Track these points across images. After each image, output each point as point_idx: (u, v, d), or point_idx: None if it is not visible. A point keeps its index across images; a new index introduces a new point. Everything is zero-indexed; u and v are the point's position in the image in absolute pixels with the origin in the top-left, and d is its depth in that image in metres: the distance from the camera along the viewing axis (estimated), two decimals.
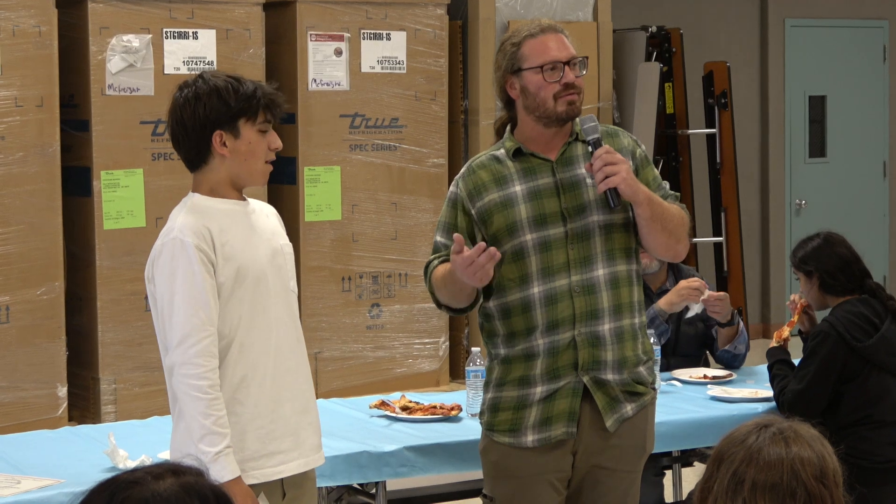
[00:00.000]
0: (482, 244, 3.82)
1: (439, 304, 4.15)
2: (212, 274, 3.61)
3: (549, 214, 4.04)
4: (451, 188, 4.17)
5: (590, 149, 4.01)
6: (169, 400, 3.72)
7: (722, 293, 5.86)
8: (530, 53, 4.07)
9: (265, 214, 3.84)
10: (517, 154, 4.11)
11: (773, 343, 5.40)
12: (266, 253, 3.74)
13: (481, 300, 4.10)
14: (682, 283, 5.74)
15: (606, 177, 3.94)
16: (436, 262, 4.11)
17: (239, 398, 3.65)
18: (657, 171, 4.26)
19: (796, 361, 5.29)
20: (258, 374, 3.69)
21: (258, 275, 3.69)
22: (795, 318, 5.41)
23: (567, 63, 4.06)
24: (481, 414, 4.20)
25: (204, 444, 3.52)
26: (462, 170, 4.19)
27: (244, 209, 3.76)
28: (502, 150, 4.14)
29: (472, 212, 4.09)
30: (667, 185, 4.26)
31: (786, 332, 5.39)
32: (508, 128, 4.19)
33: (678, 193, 4.29)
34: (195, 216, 3.65)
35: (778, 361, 5.26)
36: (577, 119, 4.07)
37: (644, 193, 4.00)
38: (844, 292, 5.19)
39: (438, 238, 4.15)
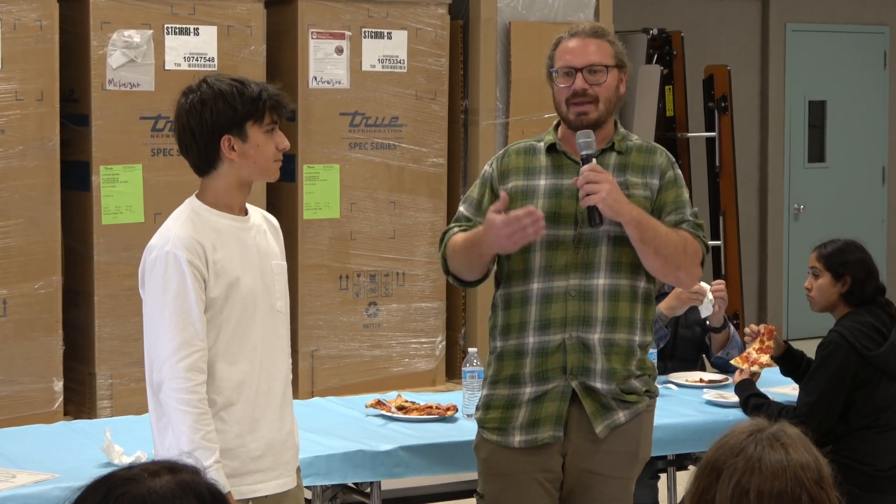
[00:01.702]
0: (532, 207, 3.87)
1: (448, 272, 4.18)
2: (203, 289, 3.61)
3: (564, 215, 4.06)
4: (486, 167, 4.23)
5: (581, 164, 4.02)
6: (150, 414, 3.71)
7: (719, 280, 5.86)
8: (556, 56, 4.14)
9: (263, 230, 3.82)
10: (551, 149, 4.13)
11: (744, 367, 5.33)
12: (256, 273, 3.72)
13: (490, 274, 4.14)
14: (683, 290, 5.72)
15: (588, 194, 3.95)
16: (456, 229, 4.15)
17: (222, 416, 3.65)
18: (685, 196, 4.20)
19: (769, 392, 5.30)
20: (242, 392, 3.68)
21: (246, 294, 3.68)
22: (771, 344, 5.35)
23: (582, 69, 4.06)
24: (477, 410, 4.25)
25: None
26: (500, 151, 4.25)
27: (242, 226, 3.74)
28: (541, 143, 4.18)
29: (500, 193, 4.11)
30: (689, 211, 4.21)
31: (764, 358, 5.32)
32: (556, 122, 4.22)
33: (700, 222, 4.23)
34: (190, 229, 3.64)
35: (752, 395, 5.22)
36: (578, 132, 4.07)
37: (631, 215, 3.99)
38: (861, 303, 5.17)
39: (462, 209, 4.20)
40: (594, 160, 4.03)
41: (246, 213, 3.78)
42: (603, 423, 4.07)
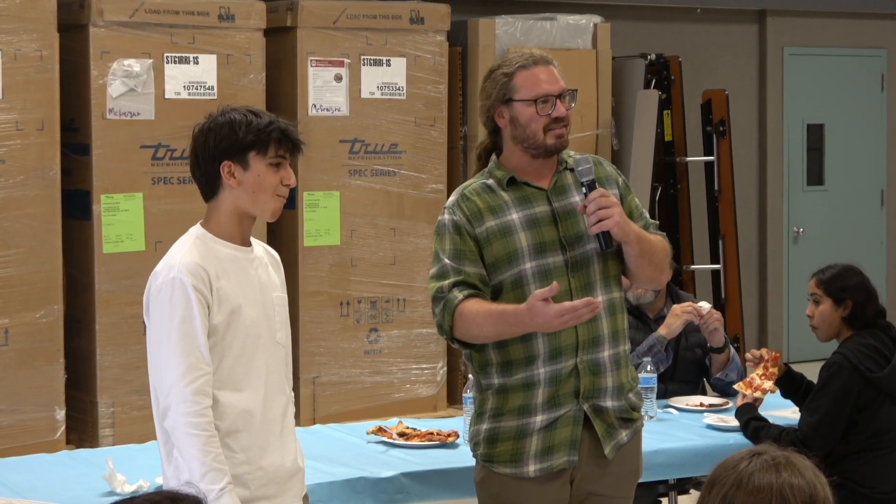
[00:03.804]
0: (590, 298, 3.80)
1: (453, 339, 4.04)
2: (207, 315, 3.63)
3: (549, 243, 4.04)
4: (447, 216, 4.08)
5: (584, 190, 4.02)
6: (158, 441, 3.71)
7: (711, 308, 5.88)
8: (522, 85, 4.06)
9: (265, 263, 3.84)
10: (510, 183, 4.11)
11: (747, 392, 5.33)
12: (258, 304, 3.74)
13: None
14: (676, 307, 5.78)
15: (600, 220, 3.95)
16: (459, 294, 3.99)
17: (227, 443, 3.66)
18: (637, 199, 4.28)
19: (769, 415, 5.31)
20: (247, 420, 3.69)
21: (249, 324, 3.70)
22: (774, 370, 5.35)
23: (558, 96, 4.07)
24: (476, 445, 4.14)
25: (206, 482, 3.51)
26: (453, 197, 4.12)
27: (245, 256, 3.76)
28: (492, 180, 4.11)
29: (476, 236, 4.07)
30: (646, 212, 4.28)
31: (767, 384, 5.33)
32: (494, 156, 4.18)
33: (657, 221, 4.30)
34: (195, 255, 3.66)
35: (752, 419, 5.23)
36: (573, 161, 4.08)
37: (635, 233, 4.02)
38: (863, 326, 5.19)
39: (448, 262, 4.02)
40: (597, 185, 4.04)
41: (249, 244, 3.80)
42: (610, 443, 4.08)
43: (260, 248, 3.87)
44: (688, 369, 5.98)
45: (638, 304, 5.92)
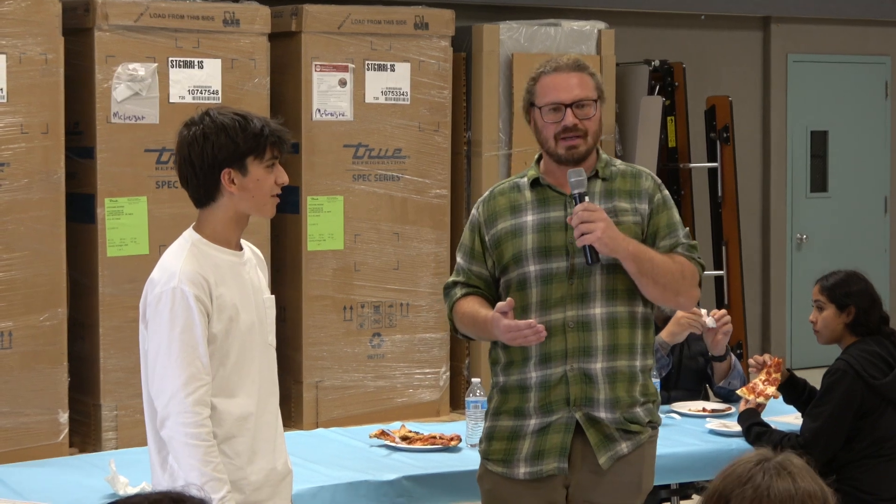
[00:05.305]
0: (533, 321, 3.89)
1: (457, 331, 4.23)
2: (207, 324, 3.63)
3: (554, 247, 4.05)
4: (473, 211, 4.23)
5: (574, 202, 4.02)
6: (150, 448, 3.72)
7: (723, 310, 5.86)
8: (540, 91, 4.10)
9: (253, 265, 3.85)
10: (535, 184, 4.13)
11: (749, 398, 5.33)
12: (252, 308, 3.75)
13: None
14: (680, 313, 5.76)
15: (583, 234, 3.95)
16: (459, 291, 4.16)
17: (223, 449, 3.67)
18: (676, 217, 4.18)
19: (771, 421, 5.31)
20: (243, 426, 3.71)
21: (245, 329, 3.71)
22: (777, 376, 5.35)
23: (571, 105, 4.06)
24: (480, 441, 4.25)
25: (206, 491, 3.53)
26: (485, 194, 4.25)
27: (239, 261, 3.77)
28: (524, 179, 4.18)
29: (486, 238, 4.14)
30: (682, 232, 4.18)
31: (770, 390, 5.32)
32: (537, 156, 4.22)
33: (694, 242, 4.19)
34: (194, 263, 3.66)
35: (754, 424, 5.23)
36: (567, 173, 4.07)
37: (627, 250, 3.98)
38: (866, 332, 5.18)
39: (459, 259, 4.23)
40: (587, 198, 4.03)
41: (241, 248, 3.81)
42: (606, 454, 4.07)
43: (248, 249, 3.88)
44: (690, 378, 5.98)
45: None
